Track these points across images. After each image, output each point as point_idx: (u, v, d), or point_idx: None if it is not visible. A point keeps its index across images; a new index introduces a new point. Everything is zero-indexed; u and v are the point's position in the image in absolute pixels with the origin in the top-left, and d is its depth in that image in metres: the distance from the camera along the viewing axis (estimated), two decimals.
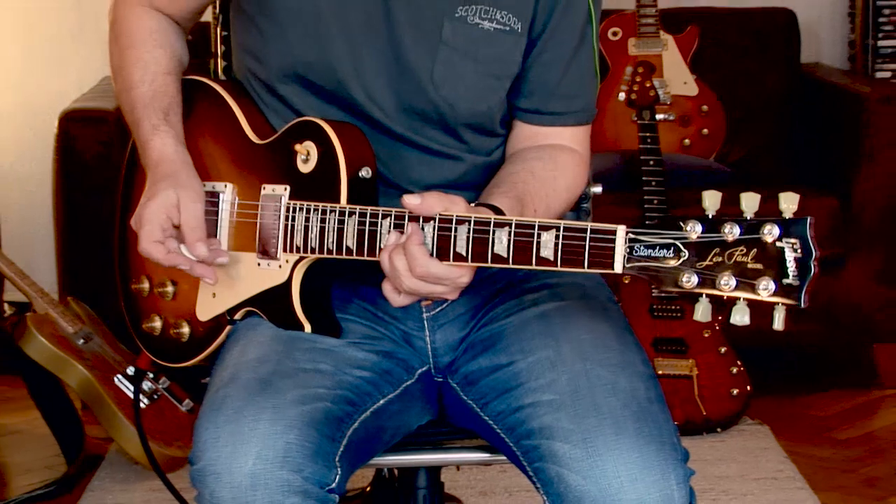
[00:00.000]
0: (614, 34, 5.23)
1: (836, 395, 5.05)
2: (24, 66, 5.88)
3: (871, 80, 5.53)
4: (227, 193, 2.64)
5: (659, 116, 4.80)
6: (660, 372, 4.01)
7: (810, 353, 5.08)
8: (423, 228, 2.34)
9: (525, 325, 2.59)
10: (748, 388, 4.65)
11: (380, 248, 2.41)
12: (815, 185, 4.84)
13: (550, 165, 2.65)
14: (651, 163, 4.64)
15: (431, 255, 2.34)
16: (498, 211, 2.38)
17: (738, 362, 4.64)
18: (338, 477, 2.40)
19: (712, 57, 5.32)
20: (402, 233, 2.35)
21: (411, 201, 2.33)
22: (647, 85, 4.71)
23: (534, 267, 2.27)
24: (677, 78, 5.17)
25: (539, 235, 2.24)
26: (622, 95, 4.65)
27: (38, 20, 5.95)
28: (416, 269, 2.33)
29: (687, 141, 5.16)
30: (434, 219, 2.33)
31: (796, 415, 4.84)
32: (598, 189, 3.03)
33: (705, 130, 5.19)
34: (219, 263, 2.59)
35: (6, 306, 4.72)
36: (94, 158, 4.66)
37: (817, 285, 2.01)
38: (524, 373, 2.49)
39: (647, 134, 4.68)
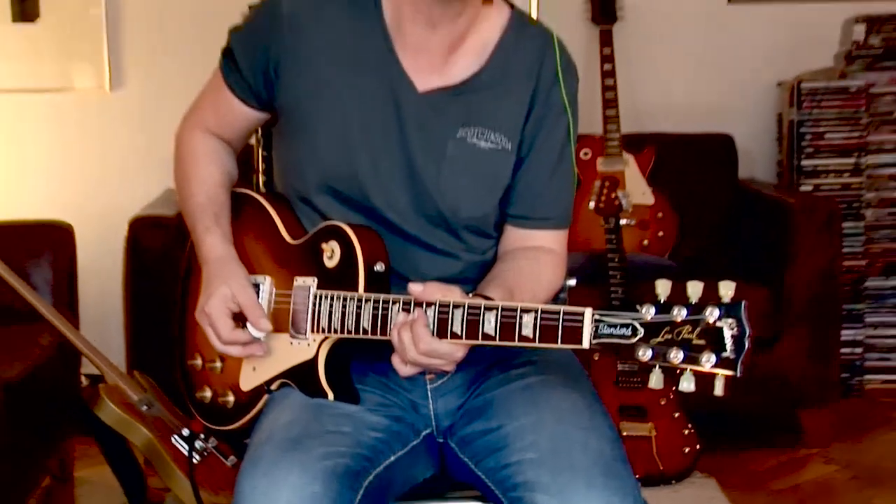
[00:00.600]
0: (585, 154, 5.30)
1: (769, 453, 5.10)
2: (100, 179, 5.92)
3: (795, 192, 5.59)
4: (266, 284, 2.68)
5: (622, 222, 4.87)
6: (624, 434, 4.03)
7: (748, 416, 5.08)
8: (426, 312, 2.36)
9: (511, 394, 2.61)
10: (698, 446, 4.71)
11: (390, 329, 2.42)
12: (752, 278, 4.86)
13: (534, 264, 2.70)
14: (616, 260, 4.75)
15: (433, 333, 2.35)
16: (489, 300, 2.38)
17: (689, 425, 4.70)
18: None
19: (666, 172, 5.38)
20: (408, 314, 2.38)
21: (416, 289, 2.39)
22: (613, 196, 4.77)
23: (517, 343, 2.31)
24: (637, 190, 5.23)
25: (521, 317, 2.28)
26: (591, 205, 4.67)
27: (112, 140, 5.97)
28: (419, 345, 2.36)
29: (645, 242, 5.25)
30: (435, 304, 2.36)
31: (737, 469, 4.87)
32: (572, 282, 3.05)
33: (661, 233, 5.27)
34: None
35: (83, 378, 4.71)
36: (156, 256, 4.70)
37: (752, 359, 2.08)
38: (511, 435, 2.50)
39: (612, 237, 4.79)
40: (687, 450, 4.72)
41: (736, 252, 5.44)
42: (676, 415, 4.72)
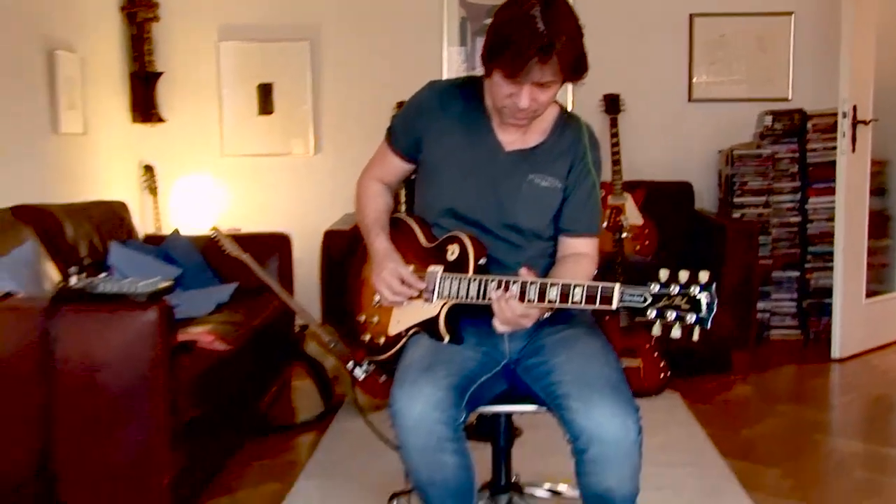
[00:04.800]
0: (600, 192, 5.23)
1: (712, 378, 5.04)
2: (306, 207, 5.96)
3: (729, 218, 5.54)
4: (410, 270, 2.66)
5: (623, 235, 4.79)
6: (623, 366, 3.92)
7: (699, 356, 4.97)
8: (517, 287, 2.41)
9: (554, 341, 2.64)
10: (668, 374, 4.62)
11: (488, 298, 2.46)
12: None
13: (577, 264, 2.68)
14: (619, 259, 4.61)
15: (531, 301, 2.40)
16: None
17: (663, 360, 4.59)
18: (464, 416, 2.48)
19: (651, 204, 5.34)
20: (505, 289, 2.42)
21: (522, 271, 2.44)
22: (618, 219, 4.72)
23: (569, 305, 2.36)
24: (633, 215, 5.22)
25: (574, 289, 2.35)
26: (605, 224, 4.63)
27: (315, 185, 6.02)
28: (514, 310, 2.41)
29: (637, 247, 5.23)
30: (521, 282, 2.40)
31: (692, 388, 4.82)
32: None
33: (647, 242, 5.26)
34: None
35: (296, 327, 4.71)
36: (339, 254, 4.67)
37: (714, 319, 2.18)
38: (554, 366, 2.56)
39: (617, 244, 4.67)
40: (662, 375, 4.66)
41: (692, 253, 5.37)
42: (655, 354, 4.66)
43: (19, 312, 2.99)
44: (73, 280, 3.31)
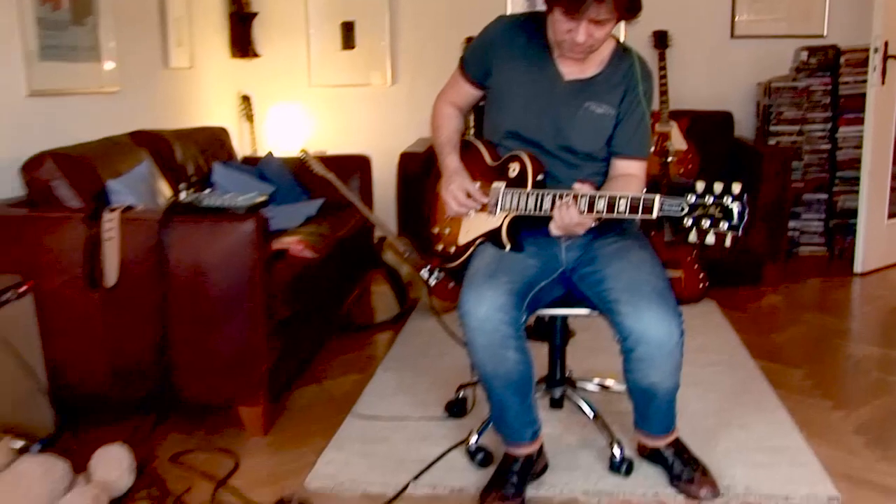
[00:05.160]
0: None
1: (745, 289, 5.01)
2: (384, 132, 5.93)
3: (765, 145, 5.40)
4: (476, 186, 2.69)
5: (669, 159, 4.71)
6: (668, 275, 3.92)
7: (734, 268, 4.94)
8: (572, 198, 2.42)
9: (608, 252, 2.65)
10: (706, 284, 4.57)
11: (545, 210, 2.49)
12: None
13: (625, 183, 2.65)
14: (664, 180, 4.55)
15: (581, 212, 2.40)
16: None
17: (703, 272, 4.56)
18: (524, 317, 2.53)
19: (694, 131, 5.21)
20: (561, 200, 2.45)
21: (576, 185, 2.46)
22: (664, 144, 4.63)
23: (615, 215, 2.37)
24: (678, 141, 5.10)
25: (619, 200, 2.36)
26: (652, 149, 4.55)
27: (392, 112, 6.00)
28: (572, 217, 2.42)
29: (681, 170, 5.10)
30: (577, 195, 2.42)
31: (727, 297, 4.78)
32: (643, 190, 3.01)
33: (690, 166, 5.14)
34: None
35: (375, 238, 4.74)
36: (413, 172, 4.68)
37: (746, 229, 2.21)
38: (607, 274, 2.57)
39: (663, 166, 4.60)
40: (700, 286, 4.63)
41: (731, 176, 5.27)
42: (695, 266, 4.63)
43: (138, 223, 3.03)
44: (183, 195, 3.36)
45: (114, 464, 2.72)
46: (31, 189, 3.25)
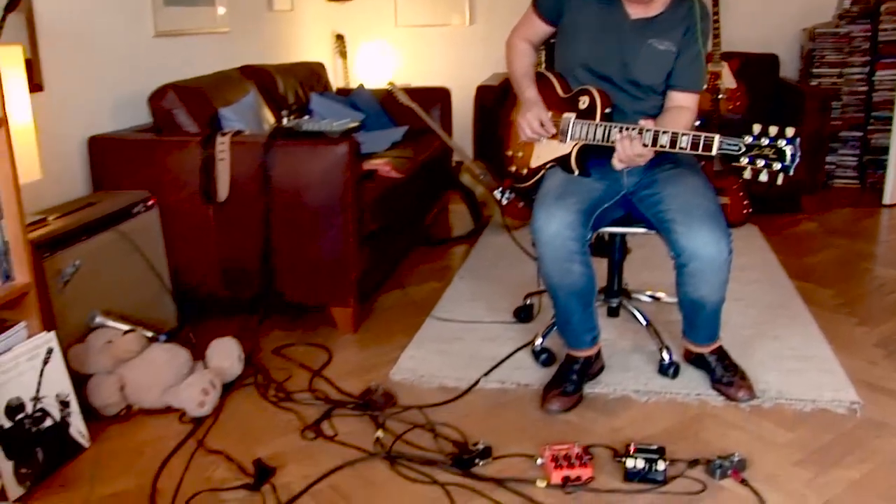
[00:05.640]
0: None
1: (784, 216, 4.88)
2: (462, 66, 5.82)
3: (808, 85, 5.19)
4: (549, 116, 2.61)
5: (720, 96, 4.56)
6: None
7: (775, 198, 4.81)
8: (637, 132, 2.37)
9: (665, 177, 2.58)
10: (750, 210, 4.47)
11: (611, 140, 2.43)
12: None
13: (679, 115, 2.57)
14: (714, 116, 4.42)
15: (645, 145, 2.35)
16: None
17: (747, 199, 4.47)
18: (589, 235, 2.50)
19: (744, 72, 5.03)
20: (625, 132, 2.39)
21: (641, 120, 2.39)
22: (715, 83, 4.49)
23: (676, 150, 2.31)
24: (728, 80, 4.94)
25: (681, 137, 2.30)
26: (704, 86, 4.40)
27: (469, 49, 5.90)
28: (635, 150, 2.36)
29: (731, 107, 4.96)
30: (641, 129, 2.35)
31: (769, 223, 4.67)
32: (697, 123, 2.91)
33: (738, 103, 4.98)
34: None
35: (453, 161, 4.69)
36: (489, 102, 4.60)
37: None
38: (664, 197, 2.53)
39: (714, 103, 4.47)
40: (745, 211, 4.52)
41: (776, 113, 5.12)
42: (740, 194, 4.51)
43: (246, 145, 3.04)
44: (284, 121, 3.37)
45: (226, 354, 2.77)
46: (156, 117, 3.30)
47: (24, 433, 2.19)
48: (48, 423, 2.27)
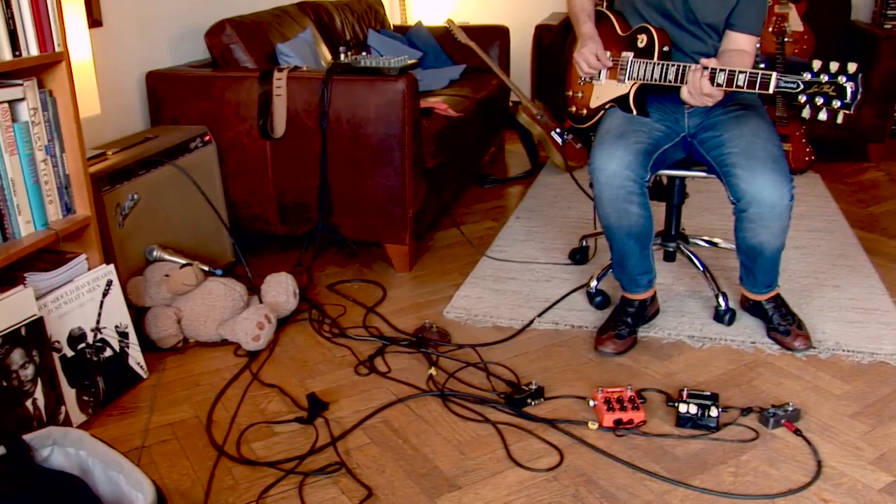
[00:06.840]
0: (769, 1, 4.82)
1: (848, 164, 4.77)
2: (522, 8, 5.69)
3: (882, 28, 4.97)
4: (607, 54, 2.57)
5: (786, 39, 4.41)
6: None
7: (841, 145, 4.68)
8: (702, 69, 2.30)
9: (728, 119, 2.50)
10: (813, 157, 4.36)
11: (669, 80, 2.40)
12: None
13: (737, 56, 2.47)
14: (779, 59, 4.29)
15: (712, 84, 2.30)
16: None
17: (809, 146, 4.34)
18: (648, 176, 2.46)
19: (811, 14, 4.84)
20: (683, 76, 2.34)
21: (704, 59, 2.31)
22: (782, 25, 4.33)
23: (734, 89, 2.26)
24: (794, 22, 4.75)
25: (739, 75, 2.25)
26: (770, 28, 4.27)
27: None
28: (703, 88, 2.31)
29: (796, 50, 4.80)
30: (707, 68, 2.29)
31: (832, 171, 4.56)
32: (762, 66, 2.82)
33: (805, 46, 4.80)
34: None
35: (511, 102, 4.63)
36: (548, 41, 4.52)
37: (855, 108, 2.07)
38: (726, 139, 2.45)
39: (779, 46, 4.32)
40: (807, 159, 4.41)
41: (845, 58, 4.94)
42: (803, 140, 4.40)
43: (304, 81, 3.03)
44: (342, 57, 3.34)
45: (281, 288, 2.79)
46: (213, 52, 3.31)
47: (86, 362, 2.24)
48: (108, 353, 2.31)
